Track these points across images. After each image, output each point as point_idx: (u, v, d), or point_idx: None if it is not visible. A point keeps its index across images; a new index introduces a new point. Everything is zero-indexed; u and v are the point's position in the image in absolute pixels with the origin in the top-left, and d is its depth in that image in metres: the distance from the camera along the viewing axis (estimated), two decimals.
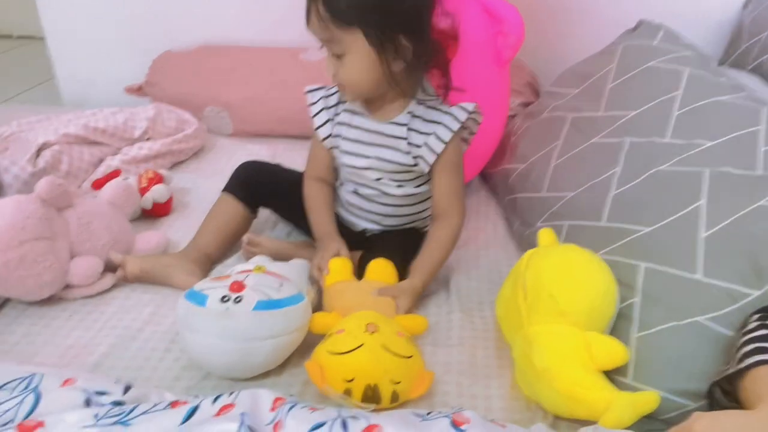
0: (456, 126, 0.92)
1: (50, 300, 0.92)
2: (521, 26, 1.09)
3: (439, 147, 0.92)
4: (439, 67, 0.94)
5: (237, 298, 0.76)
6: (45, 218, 0.89)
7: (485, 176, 1.36)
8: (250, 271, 0.84)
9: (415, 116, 0.94)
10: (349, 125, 0.98)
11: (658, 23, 1.14)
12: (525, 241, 1.06)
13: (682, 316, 0.72)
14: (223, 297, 0.76)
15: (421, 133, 0.94)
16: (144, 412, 0.58)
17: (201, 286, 0.80)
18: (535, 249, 0.88)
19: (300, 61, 1.56)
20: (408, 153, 0.95)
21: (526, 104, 1.46)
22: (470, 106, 0.93)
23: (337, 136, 0.99)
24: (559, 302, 0.74)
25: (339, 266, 0.91)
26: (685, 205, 0.79)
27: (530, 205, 1.09)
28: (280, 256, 0.97)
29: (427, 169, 0.95)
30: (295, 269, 0.91)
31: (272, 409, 0.58)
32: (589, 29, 1.53)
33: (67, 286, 0.92)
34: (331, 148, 1.01)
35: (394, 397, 0.73)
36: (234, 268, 0.88)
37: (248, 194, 1.07)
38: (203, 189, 1.26)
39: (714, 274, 0.73)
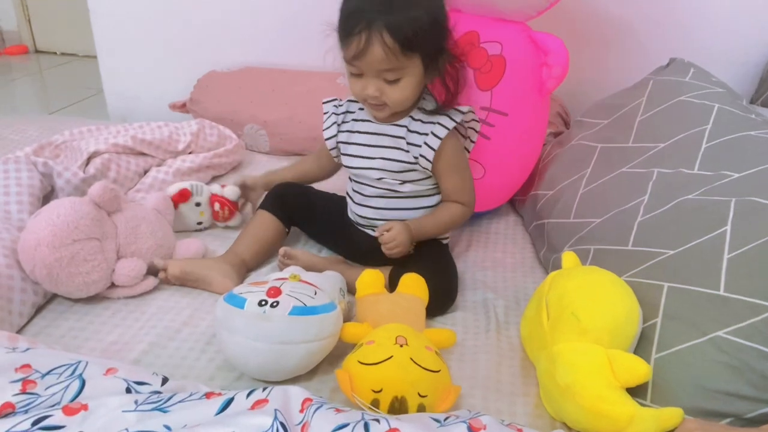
0: (451, 124, 0.97)
1: (95, 298, 0.97)
2: (566, 59, 1.13)
3: (436, 143, 0.97)
4: (455, 79, 0.99)
5: (274, 302, 0.79)
6: (97, 219, 0.94)
7: (514, 202, 1.39)
8: (285, 279, 0.87)
9: (414, 119, 1.00)
10: (357, 132, 1.05)
11: (689, 62, 1.17)
12: (552, 266, 1.09)
13: (703, 333, 0.74)
14: (261, 301, 0.80)
15: (420, 133, 0.99)
16: (181, 401, 0.61)
17: (240, 290, 0.83)
18: (558, 270, 0.90)
19: (336, 84, 1.62)
20: (408, 152, 1.00)
21: (557, 134, 1.49)
22: (464, 108, 0.99)
23: (341, 141, 1.07)
24: (581, 320, 0.76)
25: (372, 279, 0.94)
26: (710, 230, 0.81)
27: (558, 230, 1.12)
28: (312, 269, 1.01)
29: (429, 167, 1.00)
30: (328, 280, 0.94)
31: (301, 410, 0.61)
32: (620, 65, 1.57)
33: (112, 286, 0.97)
34: (332, 149, 1.09)
35: (421, 409, 0.74)
36: (270, 275, 0.92)
37: (281, 214, 1.12)
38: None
39: (735, 289, 0.74)
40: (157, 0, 1.80)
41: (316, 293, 0.84)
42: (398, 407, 0.73)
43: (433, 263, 1.00)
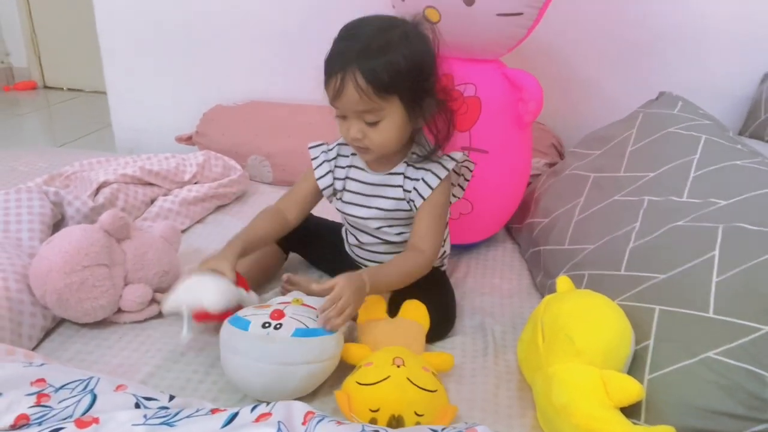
0: (443, 174, 0.98)
1: (102, 322, 0.99)
2: (540, 94, 1.15)
3: (426, 192, 0.98)
4: (445, 121, 0.98)
5: (277, 324, 0.82)
6: (106, 247, 0.97)
7: (510, 230, 1.42)
8: (288, 302, 0.90)
9: (409, 165, 1.01)
10: (351, 179, 1.05)
11: (678, 95, 1.22)
12: (548, 291, 1.11)
13: (693, 354, 0.76)
14: (265, 323, 0.82)
15: (412, 179, 1.00)
16: (188, 416, 0.63)
17: (244, 312, 0.86)
18: (553, 294, 0.93)
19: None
20: (403, 199, 1.01)
21: (551, 164, 1.53)
22: (458, 155, 1.01)
23: (338, 189, 1.06)
24: (575, 342, 0.79)
25: (373, 305, 0.97)
26: (699, 254, 0.84)
27: (553, 256, 1.15)
28: (314, 296, 1.03)
29: (415, 211, 1.00)
30: None
31: (304, 423, 0.63)
32: (610, 98, 1.63)
33: (119, 311, 1.00)
34: (330, 197, 1.09)
35: None
36: (273, 300, 0.94)
37: (282, 240, 1.13)
38: None
39: (724, 311, 0.77)
40: (165, 38, 1.87)
41: (318, 316, 0.87)
42: (395, 426, 0.75)
43: (432, 290, 1.02)
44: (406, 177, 1.01)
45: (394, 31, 0.91)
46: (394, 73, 0.88)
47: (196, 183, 1.45)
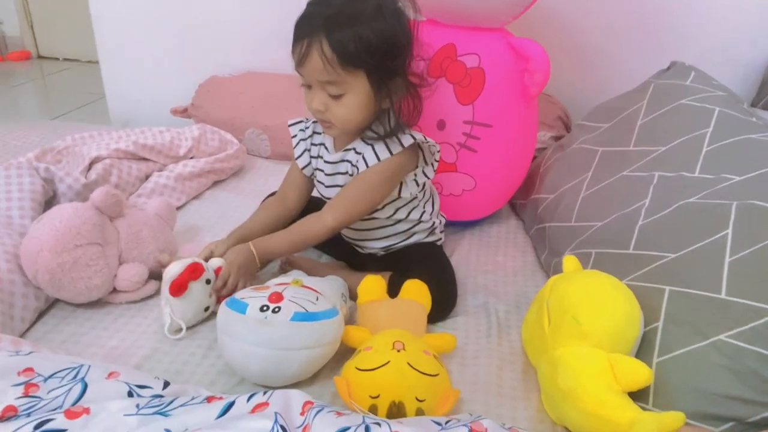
0: (397, 148, 0.92)
1: (97, 303, 0.97)
2: (547, 64, 1.11)
3: (372, 160, 0.93)
4: (412, 107, 0.95)
5: (275, 308, 0.79)
6: (99, 225, 0.94)
7: (515, 206, 1.39)
8: (287, 284, 0.87)
9: (362, 140, 0.96)
10: (321, 158, 1.02)
11: (690, 65, 1.17)
12: (553, 270, 1.09)
13: (704, 336, 0.74)
14: (263, 306, 0.80)
15: (359, 152, 0.95)
16: (182, 405, 0.61)
17: (241, 295, 0.83)
18: (559, 275, 0.90)
19: None
20: (352, 175, 0.97)
21: (557, 138, 1.49)
22: (419, 135, 0.95)
23: (314, 167, 1.04)
24: (582, 324, 0.76)
25: (373, 285, 0.94)
26: (711, 233, 0.81)
27: (559, 234, 1.12)
28: (314, 275, 1.01)
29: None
30: (330, 285, 0.94)
31: (302, 413, 0.61)
32: (621, 69, 1.58)
33: (114, 291, 0.97)
34: (311, 176, 1.06)
35: (419, 414, 0.74)
36: (272, 280, 0.92)
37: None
38: (242, 206, 1.31)
39: (737, 292, 0.74)
40: (158, 5, 1.81)
41: (317, 299, 0.84)
42: (396, 412, 0.73)
43: (430, 271, 0.99)
44: (356, 152, 0.96)
45: (368, 2, 0.86)
46: (362, 45, 0.84)
47: (191, 158, 1.42)
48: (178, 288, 0.89)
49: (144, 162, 1.35)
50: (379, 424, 0.60)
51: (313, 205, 1.10)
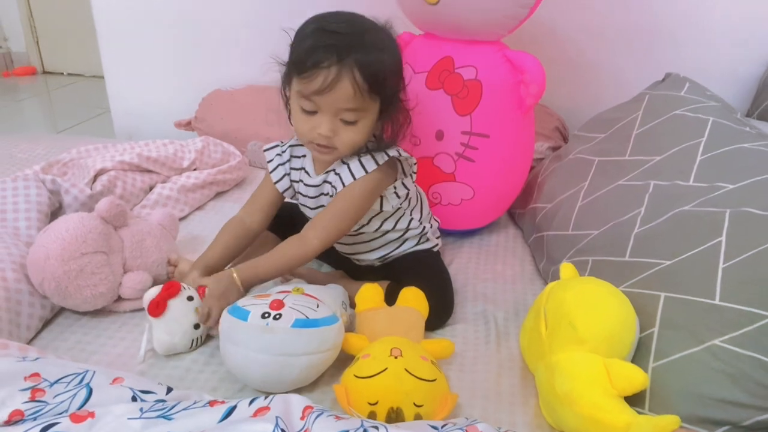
0: (372, 166, 0.92)
1: (101, 312, 0.98)
2: (542, 76, 1.13)
3: (348, 179, 0.93)
4: (396, 130, 0.95)
5: (277, 315, 0.81)
6: (104, 234, 0.96)
7: (513, 215, 1.41)
8: (288, 291, 0.89)
9: (342, 161, 0.96)
10: (302, 182, 1.02)
11: (685, 77, 1.19)
12: (551, 277, 1.10)
13: (699, 341, 0.75)
14: (264, 313, 0.81)
15: (337, 172, 0.95)
16: (185, 408, 0.63)
17: (243, 302, 0.85)
18: (556, 282, 0.91)
19: None
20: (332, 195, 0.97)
21: (555, 148, 1.51)
22: (392, 151, 0.95)
23: (295, 191, 1.04)
24: (578, 330, 0.78)
25: (371, 294, 0.96)
26: (705, 240, 0.82)
27: (556, 242, 1.13)
28: (314, 283, 1.02)
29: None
30: (330, 293, 0.96)
31: (302, 418, 0.62)
32: (615, 80, 1.60)
33: (118, 299, 0.99)
34: (292, 198, 1.06)
35: (417, 419, 0.74)
36: (273, 288, 0.93)
37: (278, 231, 1.11)
38: None
39: (730, 298, 0.75)
40: (162, 21, 1.84)
41: (318, 306, 0.86)
42: (395, 418, 0.74)
43: (426, 279, 1.00)
44: (335, 173, 0.96)
45: (381, 31, 0.88)
46: (385, 72, 0.85)
47: (195, 169, 1.44)
48: (156, 306, 0.88)
49: (148, 174, 1.37)
50: (377, 428, 0.61)
51: (283, 220, 1.10)
